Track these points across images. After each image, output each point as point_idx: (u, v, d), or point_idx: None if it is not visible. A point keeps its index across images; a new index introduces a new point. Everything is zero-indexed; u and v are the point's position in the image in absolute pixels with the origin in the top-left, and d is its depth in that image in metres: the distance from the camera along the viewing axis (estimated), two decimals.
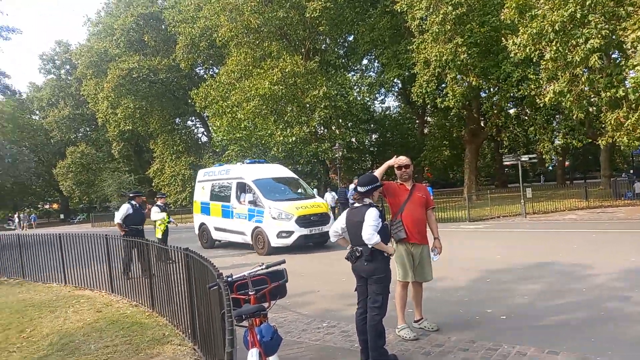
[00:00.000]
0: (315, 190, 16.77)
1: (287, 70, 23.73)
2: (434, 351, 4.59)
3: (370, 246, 4.17)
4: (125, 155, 47.30)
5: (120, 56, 37.41)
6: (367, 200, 4.37)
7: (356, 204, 4.42)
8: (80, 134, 52.38)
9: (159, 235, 11.35)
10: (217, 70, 34.88)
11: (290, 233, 12.16)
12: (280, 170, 15.09)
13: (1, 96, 46.60)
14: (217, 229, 14.41)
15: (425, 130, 38.97)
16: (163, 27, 37.55)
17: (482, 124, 28.35)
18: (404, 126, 37.61)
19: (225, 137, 26.12)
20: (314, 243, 12.71)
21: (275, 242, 12.19)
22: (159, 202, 11.99)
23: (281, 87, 23.79)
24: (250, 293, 3.85)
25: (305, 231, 12.26)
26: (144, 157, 48.99)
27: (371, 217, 4.18)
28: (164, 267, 6.16)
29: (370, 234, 4.12)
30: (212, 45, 32.20)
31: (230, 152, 26.03)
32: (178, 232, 20.58)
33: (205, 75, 36.26)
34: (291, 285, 4.65)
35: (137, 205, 10.19)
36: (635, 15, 11.65)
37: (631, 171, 38.45)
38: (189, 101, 33.56)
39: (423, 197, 5.08)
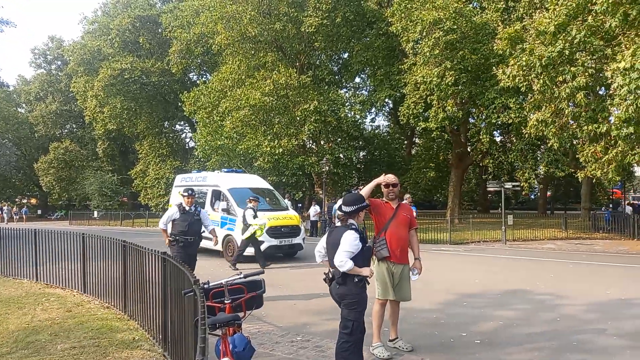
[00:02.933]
0: (288, 203, 16.75)
1: (280, 82, 23.83)
2: None
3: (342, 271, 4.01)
4: (110, 155, 46.74)
5: (113, 56, 37.24)
6: (351, 221, 4.18)
7: (338, 224, 4.28)
8: (66, 131, 51.63)
9: (245, 236, 11.29)
10: (210, 77, 34.89)
11: (260, 243, 12.21)
12: (256, 181, 15.38)
13: None
14: None
15: (413, 151, 39.30)
16: (159, 30, 37.53)
17: (469, 149, 28.69)
18: (392, 146, 37.90)
19: (206, 145, 26.06)
20: (283, 254, 12.94)
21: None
22: (251, 205, 11.79)
23: (272, 99, 23.87)
24: (226, 302, 3.81)
25: (275, 242, 12.40)
26: (129, 158, 48.44)
27: (347, 242, 3.98)
28: (138, 270, 6.04)
29: (342, 261, 3.94)
30: (207, 52, 32.22)
31: (214, 161, 25.98)
32: (157, 236, 20.31)
33: (197, 81, 36.25)
34: (268, 297, 4.61)
35: (188, 208, 7.44)
36: (621, 54, 11.96)
37: (610, 205, 39.29)
38: (180, 105, 33.45)
39: (407, 217, 5.10)
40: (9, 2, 60.83)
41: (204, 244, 13.74)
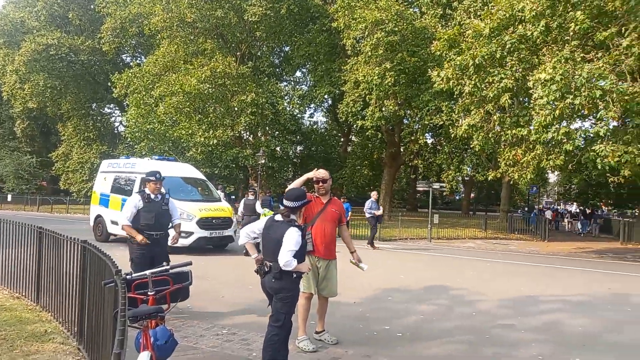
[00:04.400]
0: (221, 194, 16.46)
1: (218, 70, 23.29)
2: None
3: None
4: (29, 135, 43.41)
5: (38, 30, 34.55)
6: (293, 217, 4.17)
7: (278, 217, 4.21)
8: None
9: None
10: (144, 60, 33.41)
11: (189, 234, 11.94)
12: (189, 170, 14.83)
13: None
14: (114, 222, 13.46)
15: (349, 149, 40.00)
16: (92, 7, 35.33)
17: (402, 149, 29.64)
18: (329, 142, 38.33)
19: (136, 127, 24.92)
20: (213, 246, 12.70)
21: None
22: (253, 198, 12.98)
23: (208, 86, 23.28)
24: (149, 293, 3.69)
25: (205, 233, 12.16)
26: (51, 139, 45.27)
27: (292, 241, 3.95)
28: (55, 258, 5.68)
29: (287, 260, 3.91)
30: (143, 33, 30.82)
31: (144, 145, 24.89)
32: (77, 223, 19.22)
33: (131, 63, 34.56)
34: (195, 289, 4.51)
35: (154, 196, 5.94)
36: (543, 65, 12.82)
37: (526, 208, 42.19)
38: (110, 86, 31.75)
39: (336, 212, 5.17)
40: None
41: None
